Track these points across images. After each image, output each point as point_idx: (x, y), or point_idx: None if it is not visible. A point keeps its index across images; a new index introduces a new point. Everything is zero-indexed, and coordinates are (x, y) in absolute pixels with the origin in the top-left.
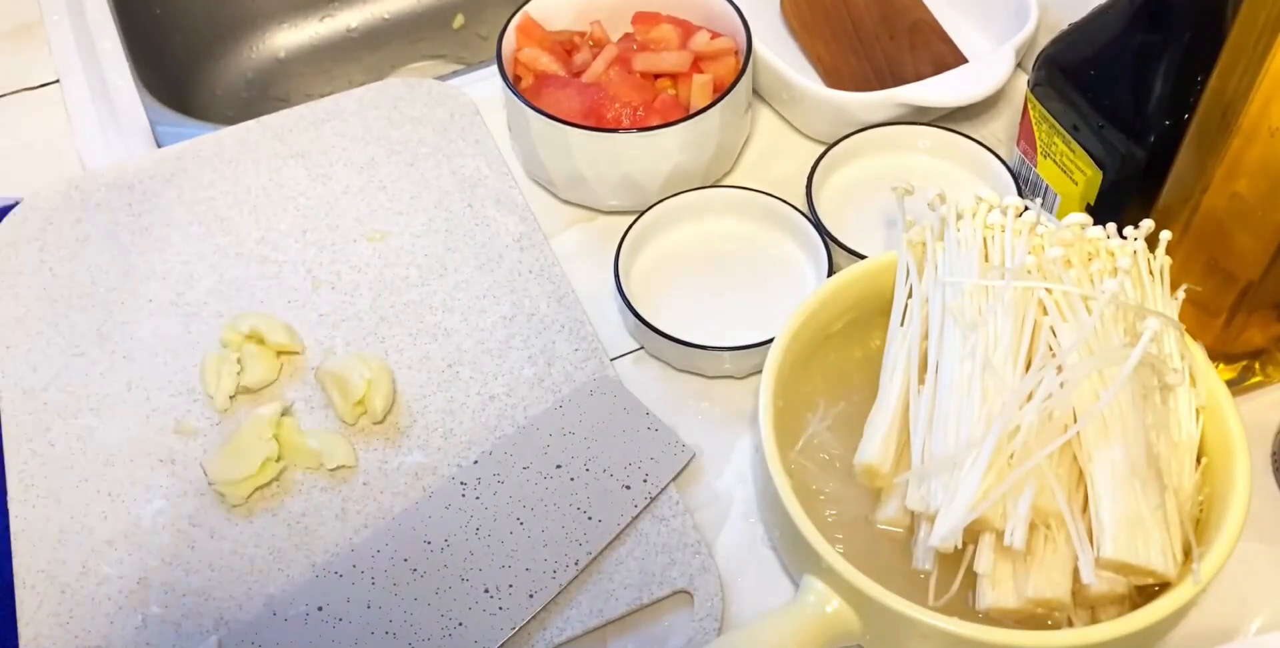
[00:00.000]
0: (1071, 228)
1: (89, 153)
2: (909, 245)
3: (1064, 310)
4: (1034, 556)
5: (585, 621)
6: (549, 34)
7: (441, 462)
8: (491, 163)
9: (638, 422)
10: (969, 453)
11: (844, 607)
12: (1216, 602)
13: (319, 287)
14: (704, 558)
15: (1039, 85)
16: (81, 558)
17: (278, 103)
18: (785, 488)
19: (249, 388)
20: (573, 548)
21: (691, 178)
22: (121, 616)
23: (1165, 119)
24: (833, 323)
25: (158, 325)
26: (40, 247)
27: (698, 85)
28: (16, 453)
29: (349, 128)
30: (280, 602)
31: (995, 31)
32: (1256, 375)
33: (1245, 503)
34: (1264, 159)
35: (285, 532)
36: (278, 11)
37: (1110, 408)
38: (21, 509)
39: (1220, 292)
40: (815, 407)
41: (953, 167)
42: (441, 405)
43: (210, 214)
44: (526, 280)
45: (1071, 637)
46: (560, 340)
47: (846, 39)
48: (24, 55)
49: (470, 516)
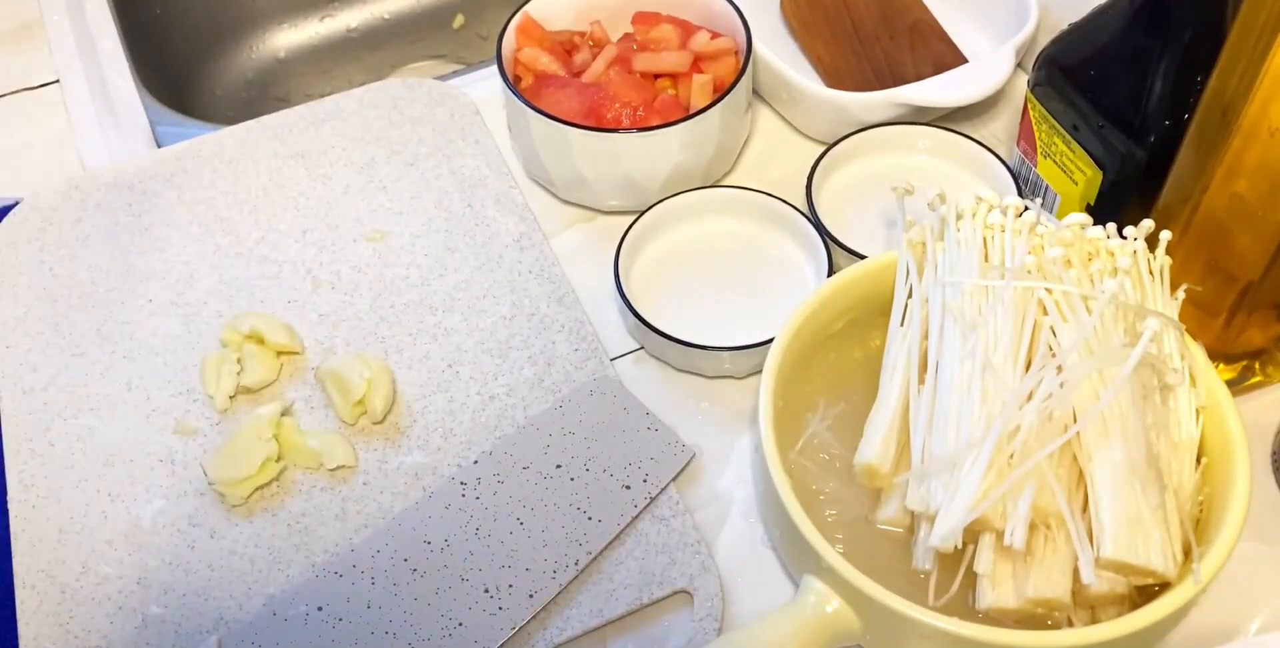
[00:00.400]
0: (1071, 228)
1: (89, 153)
2: (909, 245)
3: (1064, 310)
4: (1034, 556)
5: (585, 621)
6: (549, 34)
7: (441, 462)
8: (491, 163)
9: (638, 422)
10: (969, 453)
11: (844, 607)
12: (1216, 602)
13: (319, 287)
14: (704, 558)
15: (1039, 85)
16: (81, 558)
17: (278, 103)
18: (785, 488)
19: (249, 388)
20: (573, 548)
21: (691, 178)
22: (121, 616)
23: (1165, 119)
24: (833, 323)
25: (158, 325)
26: (40, 247)
27: (698, 85)
28: (16, 453)
29: (349, 128)
30: (280, 602)
31: (995, 31)
32: (1256, 375)
33: (1245, 503)
34: (1264, 159)
35: (285, 532)
36: (278, 11)
37: (1110, 408)
38: (21, 509)
39: (1220, 292)
40: (815, 407)
41: (953, 166)
42: (441, 405)
43: (210, 214)
44: (526, 280)
45: (1071, 637)
46: (560, 340)
47: (846, 39)
48: (24, 55)
49: (470, 516)
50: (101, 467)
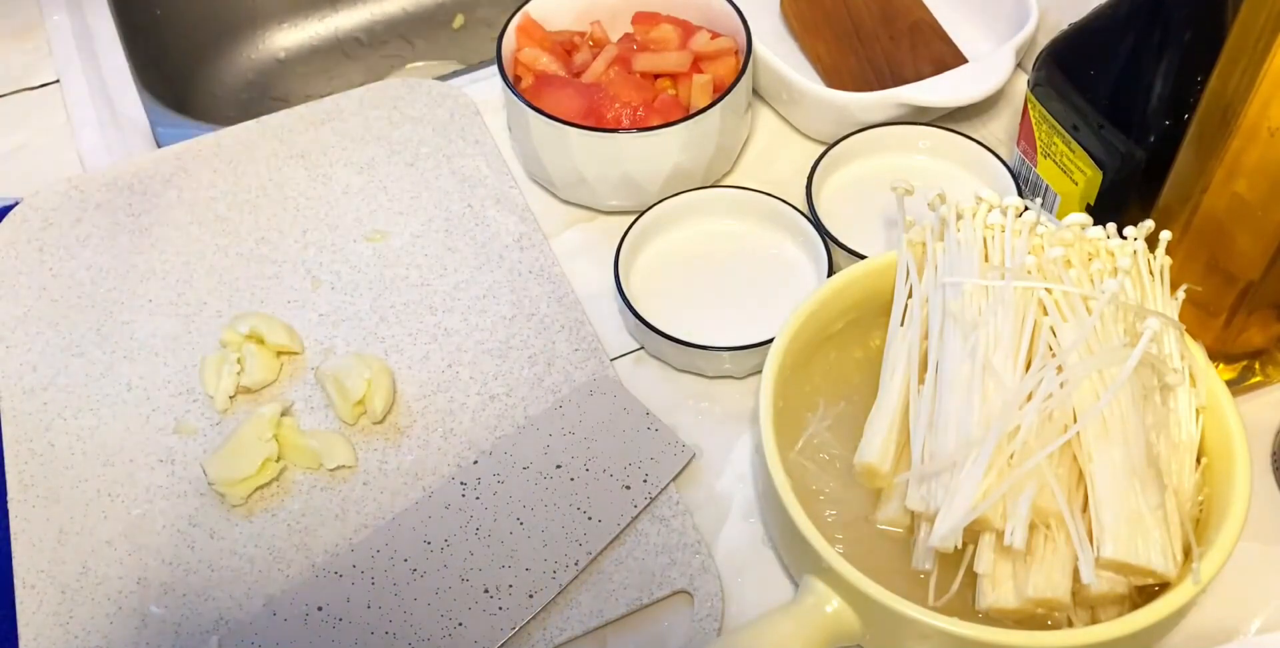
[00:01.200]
0: (1071, 228)
1: (89, 153)
2: (909, 245)
3: (1064, 310)
4: (1034, 556)
5: (585, 621)
6: (549, 34)
7: (442, 462)
8: (491, 163)
9: (638, 422)
10: (969, 453)
11: (844, 607)
12: (1216, 602)
13: (319, 287)
14: (704, 558)
15: (1039, 85)
16: (81, 558)
17: (278, 103)
18: (785, 488)
19: (248, 388)
20: (573, 548)
21: (691, 178)
22: (121, 616)
23: (1165, 119)
24: (833, 323)
25: (158, 325)
26: (40, 247)
27: (698, 85)
28: (16, 453)
29: (349, 128)
30: (280, 602)
31: (995, 31)
32: (1256, 375)
33: (1245, 503)
34: (1264, 159)
35: (285, 532)
36: (278, 11)
37: (1110, 408)
38: (21, 509)
39: (1220, 292)
40: (815, 407)
41: (953, 166)
42: (441, 406)
43: (210, 214)
44: (526, 280)
45: (1071, 637)
46: (560, 340)
47: (846, 39)
48: (24, 55)
49: (470, 516)
50: (101, 467)
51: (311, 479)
